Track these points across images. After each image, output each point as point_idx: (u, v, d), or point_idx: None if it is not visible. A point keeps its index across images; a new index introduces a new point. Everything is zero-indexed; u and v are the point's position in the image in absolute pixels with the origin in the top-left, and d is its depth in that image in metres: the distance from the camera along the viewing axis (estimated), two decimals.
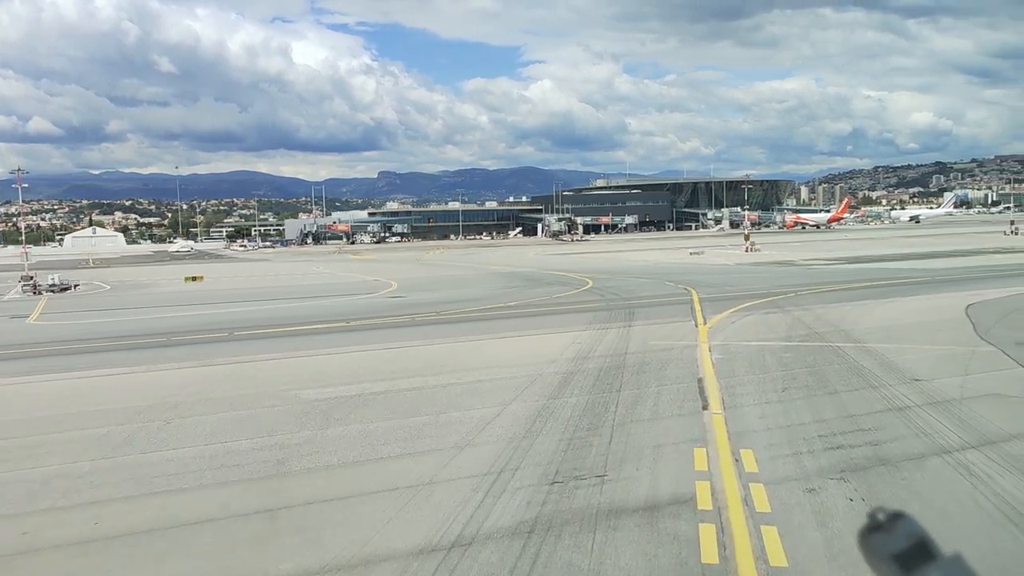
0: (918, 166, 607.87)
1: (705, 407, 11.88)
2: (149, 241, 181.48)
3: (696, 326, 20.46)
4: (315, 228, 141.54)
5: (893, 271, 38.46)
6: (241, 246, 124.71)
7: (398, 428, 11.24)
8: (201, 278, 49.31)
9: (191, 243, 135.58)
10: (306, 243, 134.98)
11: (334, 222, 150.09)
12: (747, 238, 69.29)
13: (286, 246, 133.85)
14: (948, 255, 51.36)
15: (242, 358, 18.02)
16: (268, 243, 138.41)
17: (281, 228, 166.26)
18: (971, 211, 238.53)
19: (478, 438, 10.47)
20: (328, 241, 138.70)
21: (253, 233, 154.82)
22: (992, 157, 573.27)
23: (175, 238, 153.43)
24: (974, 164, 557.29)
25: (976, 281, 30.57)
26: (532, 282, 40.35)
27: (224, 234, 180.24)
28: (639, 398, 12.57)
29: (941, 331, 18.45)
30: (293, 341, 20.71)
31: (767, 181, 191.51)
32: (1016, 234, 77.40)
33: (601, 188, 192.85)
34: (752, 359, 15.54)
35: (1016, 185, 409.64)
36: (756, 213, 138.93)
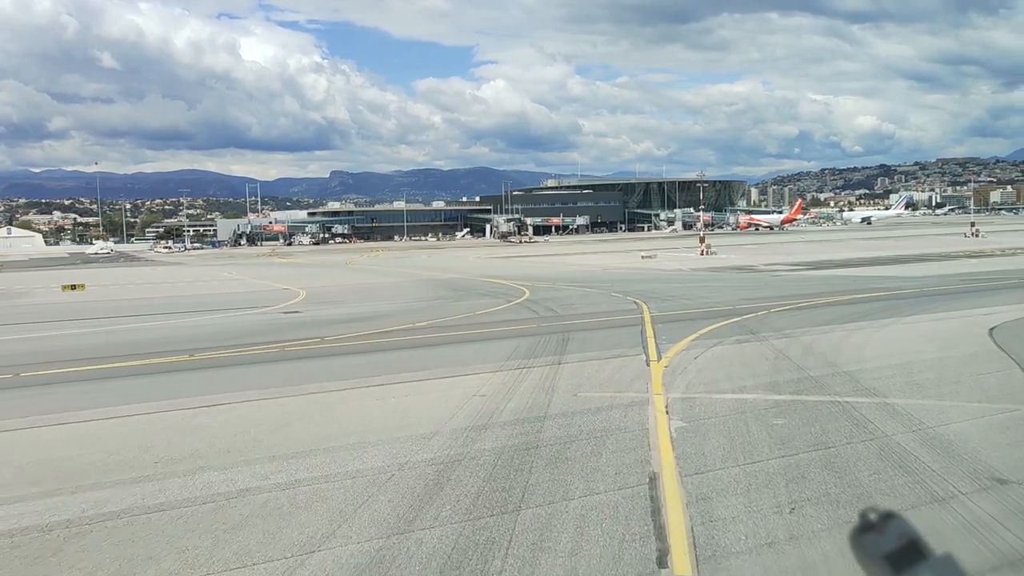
0: (863, 168, 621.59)
1: (663, 561, 6.55)
2: (70, 242, 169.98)
3: (647, 363, 15.20)
4: (249, 229, 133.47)
5: (869, 280, 34.00)
6: (165, 248, 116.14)
7: None
8: (82, 287, 42.57)
9: (111, 244, 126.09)
10: (240, 244, 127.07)
11: (270, 222, 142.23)
12: (702, 240, 64.98)
13: (217, 247, 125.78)
14: (917, 260, 47.59)
15: None
16: (197, 244, 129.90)
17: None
18: (917, 213, 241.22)
19: None
20: (265, 242, 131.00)
21: (184, 234, 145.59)
22: (934, 160, 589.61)
23: (94, 239, 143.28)
24: (917, 167, 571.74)
25: (976, 295, 26.10)
26: (461, 292, 34.85)
27: (155, 235, 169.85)
28: (547, 531, 7.18)
29: (978, 372, 13.51)
30: (79, 390, 14.80)
31: (720, 182, 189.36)
32: (977, 236, 74.79)
33: (552, 188, 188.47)
34: (730, 432, 10.28)
35: (958, 187, 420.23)
36: (709, 214, 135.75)
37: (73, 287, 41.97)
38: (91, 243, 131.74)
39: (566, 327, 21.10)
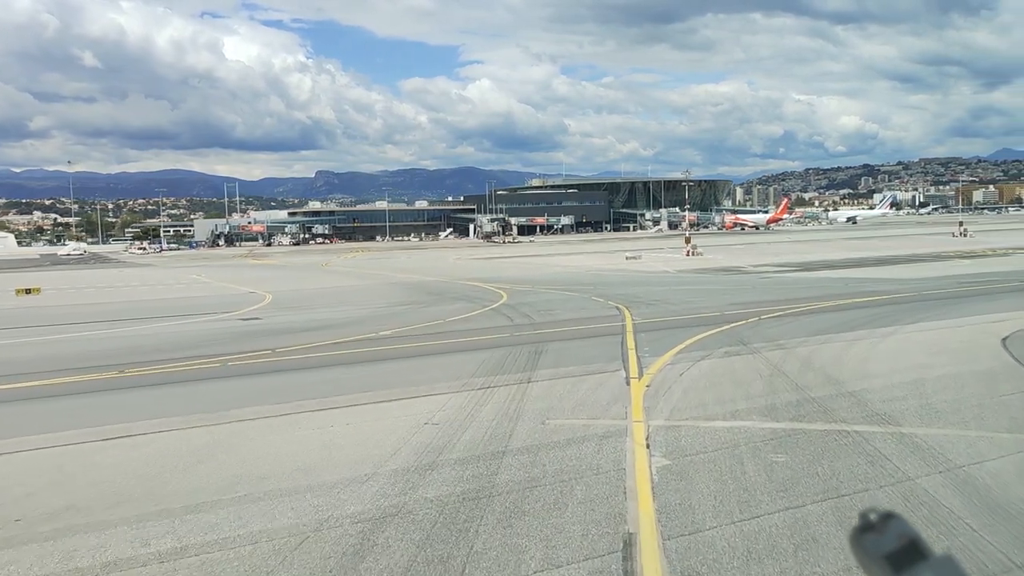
0: (847, 168, 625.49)
1: None
2: (47, 243, 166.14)
3: (627, 381, 13.52)
4: (227, 229, 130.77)
5: (863, 283, 32.55)
6: (140, 249, 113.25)
7: None
8: (38, 291, 40.38)
9: (83, 245, 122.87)
10: (218, 245, 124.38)
11: (249, 223, 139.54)
12: (688, 241, 63.53)
13: (195, 248, 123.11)
14: (909, 261, 46.30)
15: None
16: (174, 245, 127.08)
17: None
18: (901, 212, 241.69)
19: None
20: (244, 243, 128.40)
21: (161, 234, 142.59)
22: (917, 160, 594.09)
23: (67, 240, 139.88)
24: (900, 166, 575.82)
25: (978, 299, 24.66)
26: (436, 296, 33.08)
27: (131, 235, 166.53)
28: None
29: (1001, 393, 11.92)
30: None
31: (705, 181, 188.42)
32: (965, 236, 73.84)
33: (537, 188, 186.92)
34: (722, 473, 8.61)
35: (940, 187, 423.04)
36: (695, 214, 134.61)
37: (28, 291, 39.77)
38: (64, 244, 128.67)
39: (541, 336, 19.40)
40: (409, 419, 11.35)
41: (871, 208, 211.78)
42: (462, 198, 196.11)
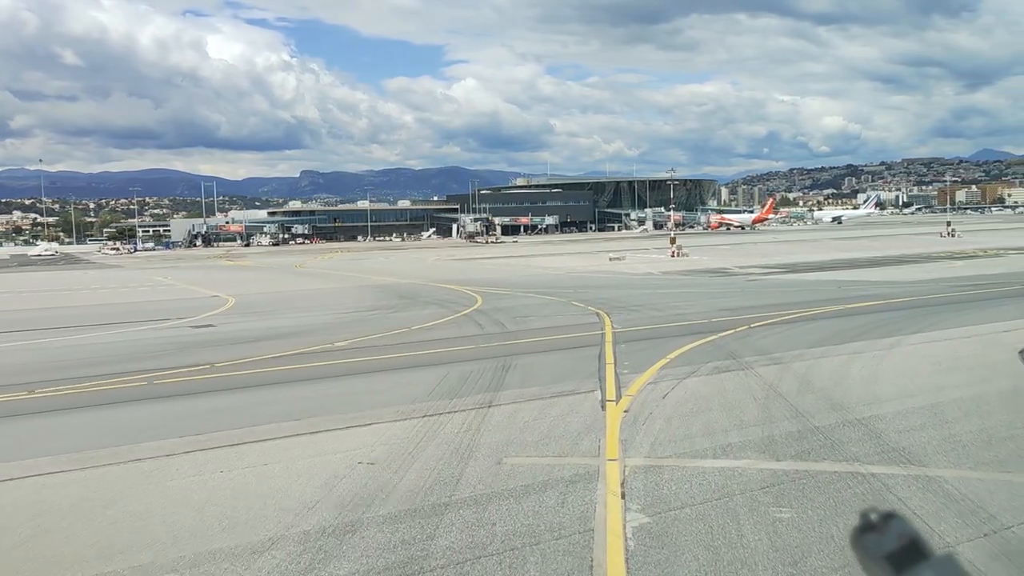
0: (831, 168, 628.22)
1: None
2: (23, 242, 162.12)
3: (603, 404, 11.78)
4: (205, 229, 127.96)
5: (855, 286, 31.03)
6: (113, 249, 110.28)
7: None
8: None
9: (55, 246, 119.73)
10: (194, 245, 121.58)
11: (227, 222, 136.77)
12: (673, 241, 62.00)
13: (171, 249, 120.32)
14: (899, 262, 44.94)
15: None
16: (150, 246, 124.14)
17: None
18: (885, 212, 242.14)
19: None
20: (223, 243, 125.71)
21: (137, 234, 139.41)
22: (900, 160, 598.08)
23: (39, 240, 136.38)
24: (883, 167, 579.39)
25: (980, 305, 23.17)
26: (407, 301, 31.23)
27: (106, 235, 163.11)
28: None
29: None
30: None
31: (691, 181, 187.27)
32: (953, 236, 72.84)
33: (521, 187, 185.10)
34: (714, 536, 6.88)
35: (924, 187, 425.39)
36: (680, 214, 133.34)
37: None
38: (36, 244, 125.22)
39: (511, 348, 17.63)
40: (342, 457, 9.56)
41: (856, 208, 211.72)
42: (445, 197, 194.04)
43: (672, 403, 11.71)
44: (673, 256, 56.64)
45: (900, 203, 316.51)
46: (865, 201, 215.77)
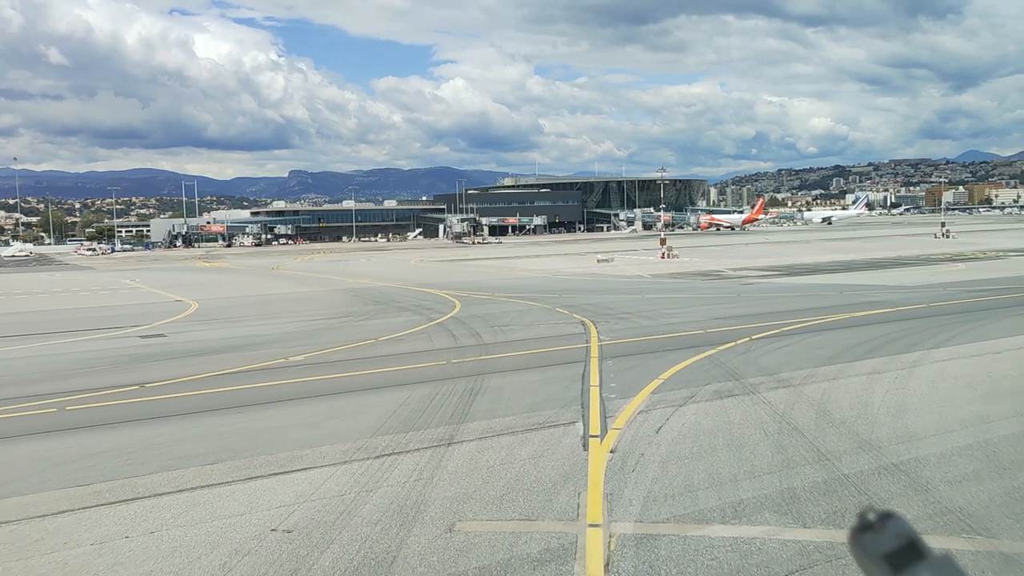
0: (819, 169, 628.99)
1: None
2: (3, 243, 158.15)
3: (585, 442, 9.82)
4: (185, 230, 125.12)
5: (857, 290, 29.24)
6: (89, 250, 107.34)
7: None
8: None
9: (29, 246, 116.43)
10: (175, 246, 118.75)
11: (208, 223, 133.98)
12: (663, 242, 60.21)
13: (150, 249, 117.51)
14: (897, 264, 43.29)
15: None
16: (129, 246, 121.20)
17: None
18: (874, 213, 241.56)
19: None
20: (204, 244, 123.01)
21: (115, 235, 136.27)
22: (887, 161, 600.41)
23: (12, 240, 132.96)
24: (871, 167, 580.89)
25: (999, 313, 21.39)
26: (381, 307, 29.20)
27: (86, 235, 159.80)
28: None
29: None
30: None
31: (680, 181, 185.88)
32: (948, 236, 71.42)
33: (509, 187, 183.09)
34: None
35: (911, 188, 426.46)
36: (670, 214, 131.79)
37: None
38: (8, 244, 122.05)
39: (484, 365, 15.65)
40: (254, 520, 7.56)
41: (845, 208, 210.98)
42: (433, 197, 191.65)
43: (668, 440, 9.77)
44: (663, 257, 54.85)
45: (888, 204, 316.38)
46: (855, 202, 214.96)
